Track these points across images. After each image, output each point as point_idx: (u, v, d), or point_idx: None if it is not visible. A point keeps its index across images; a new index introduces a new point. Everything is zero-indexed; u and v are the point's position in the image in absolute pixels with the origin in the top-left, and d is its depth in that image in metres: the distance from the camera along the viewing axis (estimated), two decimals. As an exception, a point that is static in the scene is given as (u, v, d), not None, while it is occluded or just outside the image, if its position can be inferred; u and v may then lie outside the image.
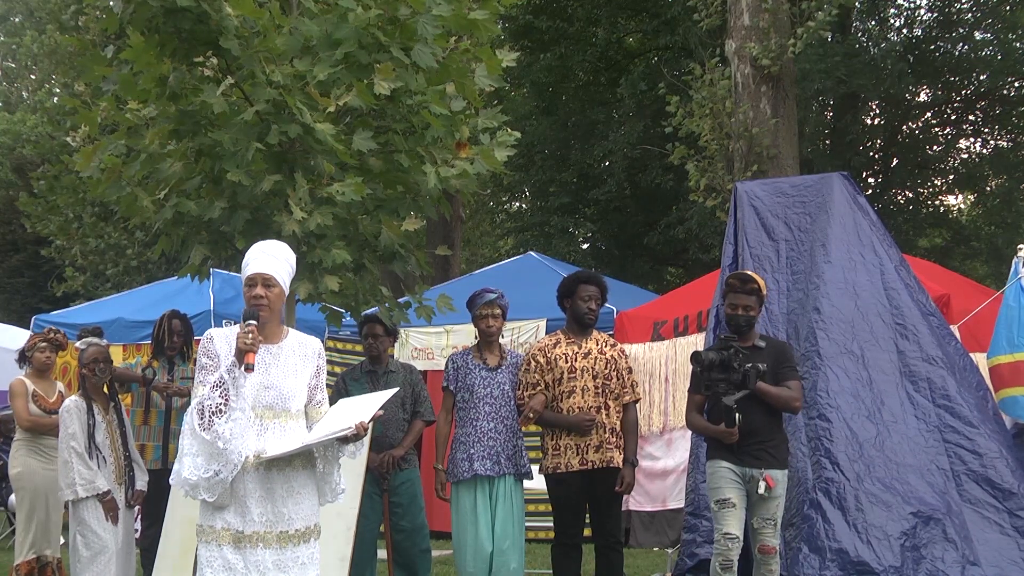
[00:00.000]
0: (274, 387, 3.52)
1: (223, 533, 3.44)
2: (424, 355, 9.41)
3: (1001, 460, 5.66)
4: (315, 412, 3.65)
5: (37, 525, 6.04)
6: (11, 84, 29.56)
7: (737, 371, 4.88)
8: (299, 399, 3.58)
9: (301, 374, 3.61)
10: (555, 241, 17.23)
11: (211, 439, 3.34)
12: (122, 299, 11.12)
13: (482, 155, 4.94)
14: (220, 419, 3.34)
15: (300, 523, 3.52)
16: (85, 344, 5.69)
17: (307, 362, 3.64)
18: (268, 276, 3.53)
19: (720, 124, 10.95)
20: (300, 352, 3.64)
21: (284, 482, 3.50)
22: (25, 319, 13.16)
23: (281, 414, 3.52)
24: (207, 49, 4.58)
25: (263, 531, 3.45)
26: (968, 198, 21.58)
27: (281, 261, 3.61)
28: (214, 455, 3.35)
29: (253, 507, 3.45)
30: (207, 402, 3.37)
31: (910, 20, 18.20)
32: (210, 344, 3.53)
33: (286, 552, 3.47)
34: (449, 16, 4.62)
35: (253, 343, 3.39)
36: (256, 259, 3.58)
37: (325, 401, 3.71)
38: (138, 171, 4.88)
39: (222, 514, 3.45)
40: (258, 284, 3.53)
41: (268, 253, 3.60)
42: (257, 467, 3.45)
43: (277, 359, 3.57)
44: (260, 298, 3.50)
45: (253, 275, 3.54)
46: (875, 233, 6.41)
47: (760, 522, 5.00)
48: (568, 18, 17.63)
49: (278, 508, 3.47)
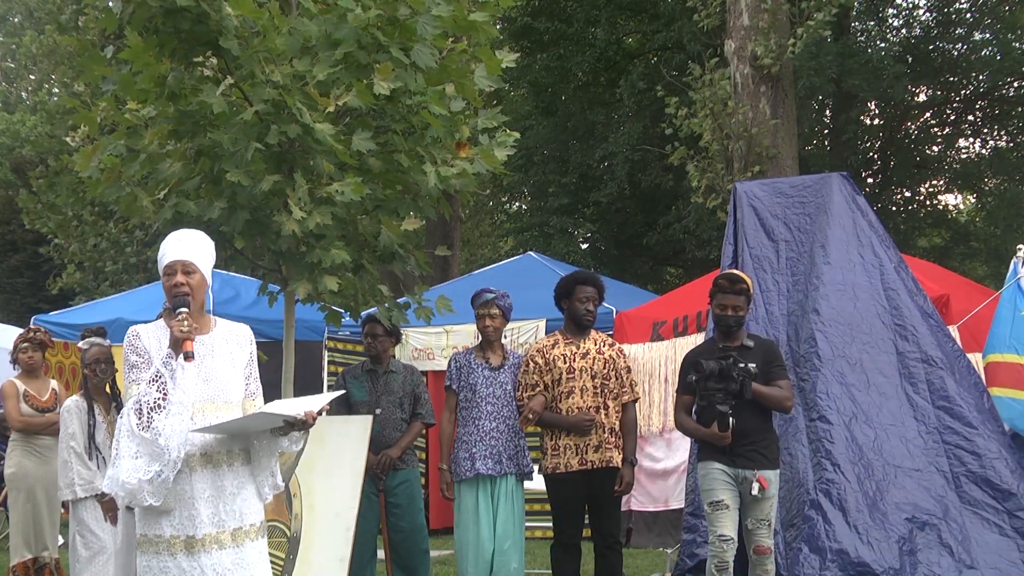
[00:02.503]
0: (213, 378, 3.35)
1: (173, 541, 3.26)
2: (424, 355, 9.41)
3: (1000, 461, 5.67)
4: (249, 404, 3.46)
5: (32, 526, 6.04)
6: (10, 84, 29.58)
7: (735, 380, 4.87)
8: (238, 389, 3.42)
9: (237, 363, 3.45)
10: (555, 241, 17.21)
11: (151, 437, 3.12)
12: (122, 299, 11.12)
13: (482, 155, 4.93)
14: (159, 414, 3.14)
15: (253, 517, 3.38)
16: (88, 344, 5.67)
17: (241, 349, 3.48)
18: (187, 263, 3.35)
19: (720, 124, 10.95)
20: (233, 340, 3.48)
21: (234, 478, 3.34)
22: (25, 319, 13.14)
23: (222, 406, 3.34)
24: (206, 49, 4.57)
25: (215, 532, 3.27)
26: (968, 198, 21.59)
27: (199, 248, 3.43)
28: (154, 455, 3.14)
29: (202, 508, 3.26)
30: (144, 399, 3.16)
31: (909, 20, 18.21)
32: (137, 341, 3.34)
33: (244, 549, 3.32)
34: (447, 17, 4.62)
35: (190, 330, 3.20)
36: (173, 247, 3.40)
37: (259, 393, 3.53)
38: (137, 171, 4.87)
39: (169, 520, 3.26)
40: (178, 272, 3.35)
41: (184, 241, 3.43)
42: (204, 465, 3.28)
43: (211, 350, 3.39)
44: (181, 285, 3.32)
45: (172, 263, 3.36)
46: (874, 233, 6.42)
47: (754, 523, 4.99)
48: (567, 19, 17.61)
49: (229, 505, 3.30)
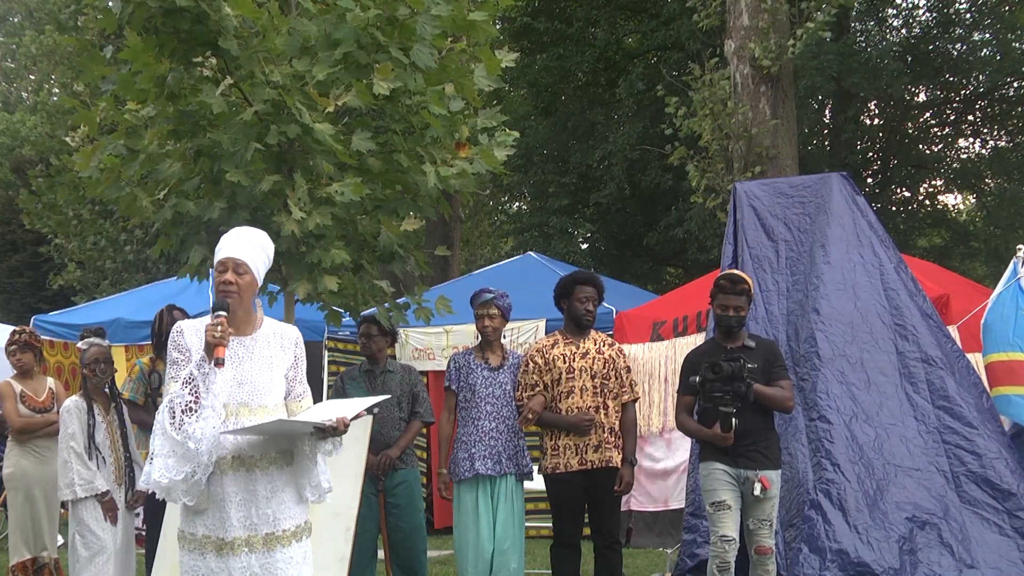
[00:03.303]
0: (247, 382, 3.30)
1: (205, 541, 3.27)
2: (424, 355, 9.41)
3: (1000, 460, 5.66)
4: (295, 406, 3.42)
5: (30, 526, 6.04)
6: (10, 84, 29.58)
7: (743, 382, 4.87)
8: (275, 393, 3.36)
9: (277, 366, 3.38)
10: (554, 242, 17.21)
11: (181, 439, 3.13)
12: (122, 299, 11.11)
13: (481, 155, 4.93)
14: (190, 418, 3.14)
15: (288, 522, 3.34)
16: (87, 344, 5.66)
17: (284, 353, 3.41)
18: (240, 262, 3.30)
19: (719, 124, 10.95)
20: (276, 343, 3.41)
21: (267, 482, 3.30)
22: (24, 319, 13.12)
23: (257, 410, 3.29)
24: (206, 49, 4.56)
25: (245, 535, 3.26)
26: (968, 198, 21.58)
27: (256, 248, 3.37)
28: (186, 456, 3.14)
29: (232, 512, 3.25)
30: (177, 400, 3.16)
31: (908, 20, 18.21)
32: (180, 338, 3.31)
33: (275, 554, 3.29)
34: (447, 17, 4.62)
35: (222, 336, 3.17)
36: (229, 244, 3.34)
37: (307, 394, 3.47)
38: (137, 171, 4.87)
39: (202, 519, 3.27)
40: (229, 269, 3.29)
41: (243, 239, 3.36)
42: (237, 469, 3.26)
43: (251, 352, 3.34)
44: (229, 284, 3.27)
45: (224, 259, 3.30)
46: (874, 234, 6.41)
47: (756, 523, 4.99)
48: (567, 19, 17.61)
49: (261, 510, 3.28)
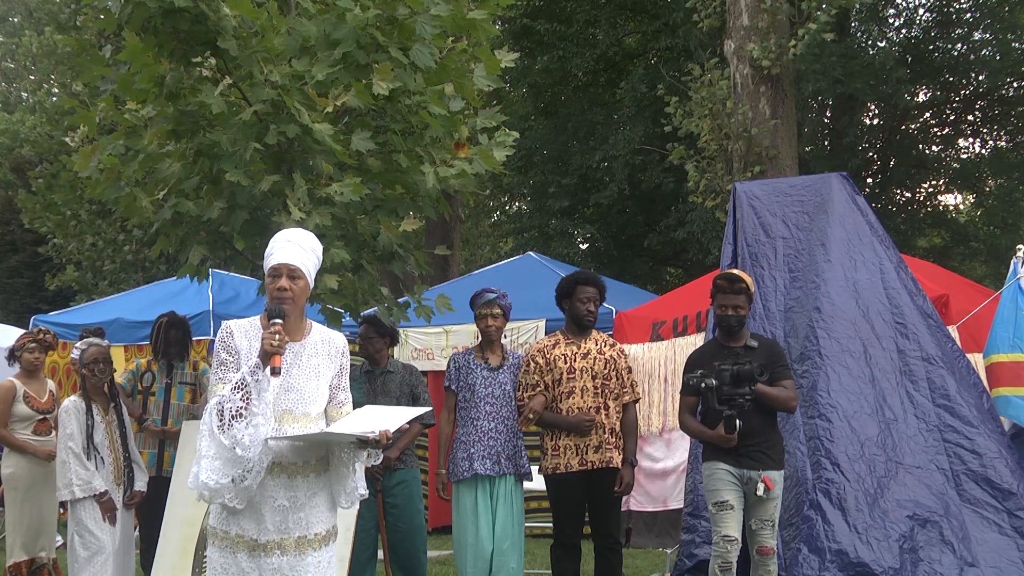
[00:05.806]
0: (294, 389, 3.29)
1: (238, 540, 3.26)
2: (424, 355, 9.40)
3: (1000, 460, 5.66)
4: (336, 413, 3.41)
5: (28, 526, 6.03)
6: (10, 84, 29.57)
7: (753, 384, 4.86)
8: (320, 402, 3.35)
9: (323, 375, 3.36)
10: (554, 242, 17.20)
11: (229, 444, 3.11)
12: (121, 299, 11.10)
13: (481, 155, 4.93)
14: (240, 423, 3.10)
15: (320, 527, 3.34)
16: (86, 344, 5.65)
17: (331, 361, 3.40)
18: (294, 267, 3.24)
19: (719, 125, 10.95)
20: (324, 350, 3.39)
21: (307, 488, 3.30)
22: (24, 319, 13.14)
23: (300, 418, 3.28)
24: (205, 49, 4.56)
25: (279, 538, 3.26)
26: (968, 198, 21.57)
27: (308, 251, 3.32)
28: (232, 460, 3.13)
29: (269, 515, 3.25)
30: (227, 404, 3.12)
31: (909, 20, 18.20)
32: (229, 339, 3.28)
33: (306, 557, 3.29)
34: (446, 16, 4.62)
35: (280, 345, 3.12)
36: (281, 248, 3.28)
37: (348, 402, 3.46)
38: (136, 171, 4.87)
39: (236, 519, 3.25)
40: (283, 275, 3.23)
41: (294, 242, 3.29)
42: (278, 475, 3.26)
43: (299, 358, 3.32)
44: (285, 291, 3.22)
45: (278, 265, 3.24)
46: (874, 234, 6.41)
47: (758, 523, 4.99)
48: (567, 19, 17.59)
49: (297, 514, 3.28)
